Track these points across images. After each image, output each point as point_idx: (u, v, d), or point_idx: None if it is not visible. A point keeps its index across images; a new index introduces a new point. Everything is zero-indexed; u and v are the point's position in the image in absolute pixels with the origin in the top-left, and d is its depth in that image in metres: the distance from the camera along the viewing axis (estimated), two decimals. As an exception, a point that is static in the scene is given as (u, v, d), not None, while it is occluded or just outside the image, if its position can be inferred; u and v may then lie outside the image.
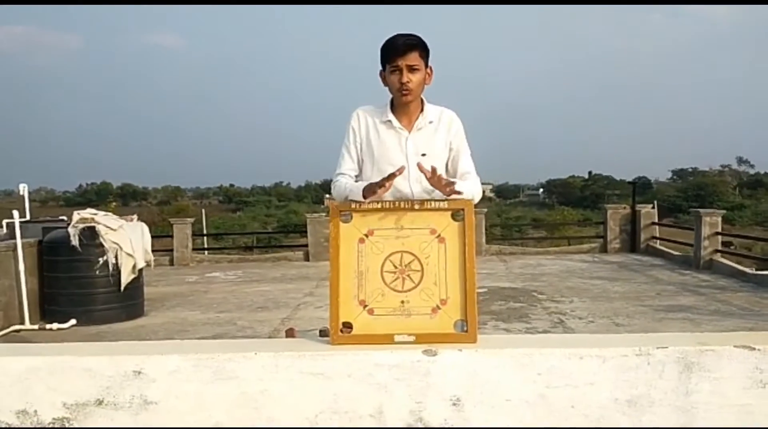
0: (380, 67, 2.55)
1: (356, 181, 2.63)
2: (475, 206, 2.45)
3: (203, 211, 22.17)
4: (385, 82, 2.54)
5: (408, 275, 2.31)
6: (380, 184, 2.36)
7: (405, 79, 2.46)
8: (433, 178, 2.34)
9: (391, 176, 2.36)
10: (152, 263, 8.61)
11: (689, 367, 2.10)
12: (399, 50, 2.45)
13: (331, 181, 2.70)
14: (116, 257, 7.61)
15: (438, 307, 2.29)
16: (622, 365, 2.10)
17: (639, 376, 2.10)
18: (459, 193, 2.35)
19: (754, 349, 2.10)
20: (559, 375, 2.11)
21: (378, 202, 2.39)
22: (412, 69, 2.47)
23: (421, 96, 2.58)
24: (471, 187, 2.51)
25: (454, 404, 2.12)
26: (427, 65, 2.53)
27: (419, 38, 2.49)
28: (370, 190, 2.40)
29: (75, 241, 7.46)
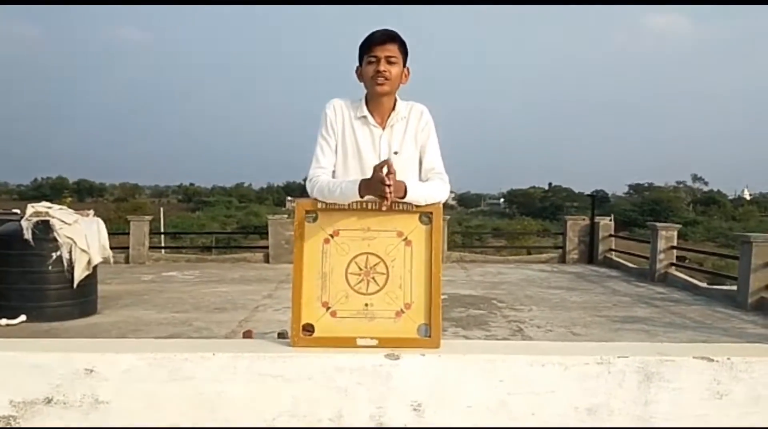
0: (357, 64, 2.50)
1: (333, 178, 2.48)
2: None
3: (161, 209, 21.84)
4: (361, 78, 2.50)
5: (373, 278, 2.28)
6: (382, 180, 2.17)
7: (382, 68, 2.41)
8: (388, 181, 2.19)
9: (387, 168, 2.20)
10: (111, 259, 8.40)
11: (649, 377, 2.11)
12: (378, 40, 2.42)
13: (294, 182, 2.63)
14: (70, 253, 7.40)
15: (402, 311, 2.27)
16: (583, 374, 2.11)
17: (599, 385, 2.11)
18: (401, 198, 2.25)
19: (712, 360, 2.13)
20: (520, 382, 2.10)
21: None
22: (389, 61, 2.42)
23: (395, 94, 2.53)
24: (424, 192, 2.35)
25: (415, 409, 2.10)
26: (405, 63, 2.49)
27: (398, 34, 2.47)
28: (370, 188, 2.23)
29: (28, 235, 7.23)
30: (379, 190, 2.20)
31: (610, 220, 14.79)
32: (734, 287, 9.42)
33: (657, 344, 2.29)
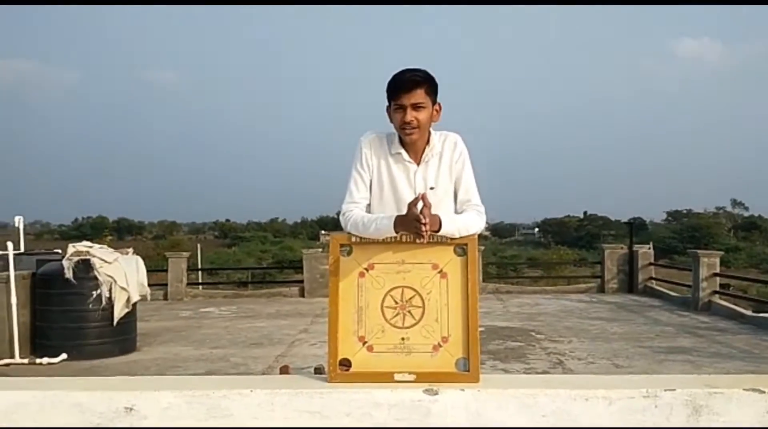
0: (387, 103, 2.49)
1: (368, 211, 2.49)
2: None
3: (198, 245, 22.09)
4: (391, 119, 2.48)
5: (409, 311, 2.26)
6: (417, 218, 2.16)
7: (408, 118, 2.37)
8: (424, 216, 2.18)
9: (423, 206, 2.19)
10: (149, 296, 8.51)
11: (698, 410, 2.04)
12: (403, 87, 2.36)
13: (328, 217, 2.61)
14: (110, 291, 7.52)
15: (439, 345, 2.24)
16: (629, 407, 2.04)
17: (646, 419, 2.04)
18: (435, 232, 2.24)
19: (763, 392, 2.05)
20: (564, 417, 2.05)
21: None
22: (416, 107, 2.37)
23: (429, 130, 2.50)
24: (459, 224, 2.33)
25: (456, 446, 2.05)
26: (435, 102, 2.44)
27: (426, 73, 2.40)
28: (405, 224, 2.22)
29: (69, 274, 7.39)
30: (413, 226, 2.19)
31: (650, 248, 14.49)
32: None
33: (705, 376, 2.22)
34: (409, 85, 2.37)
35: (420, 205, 2.18)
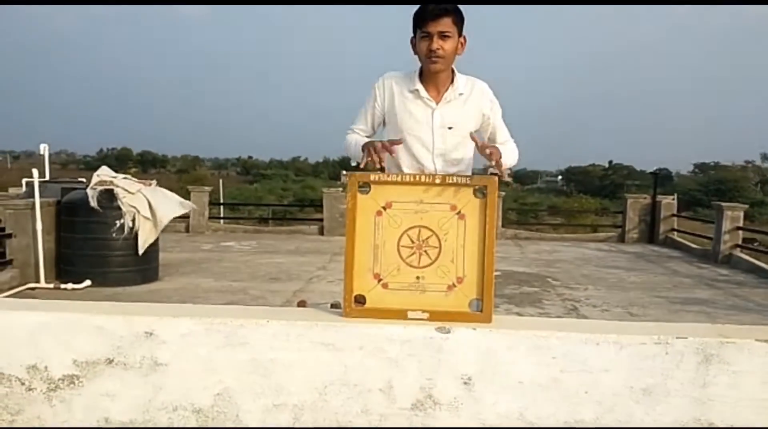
0: (411, 34, 2.46)
1: None
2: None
3: (221, 181, 22.21)
4: (415, 50, 2.45)
5: (425, 251, 2.27)
6: (377, 147, 2.36)
7: (435, 46, 2.35)
8: (483, 151, 2.33)
9: (392, 143, 2.40)
10: (191, 207, 8.67)
11: (708, 358, 2.05)
12: (431, 15, 2.34)
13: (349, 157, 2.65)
14: (133, 220, 7.64)
15: (454, 285, 2.25)
16: (639, 353, 2.06)
17: (656, 365, 2.06)
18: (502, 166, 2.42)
19: (776, 344, 2.05)
20: (574, 360, 2.07)
21: (398, 175, 2.35)
22: (443, 36, 2.35)
23: (452, 66, 2.48)
24: (511, 154, 2.60)
25: (465, 383, 2.09)
26: (460, 34, 2.42)
27: (454, 4, 2.38)
28: (366, 149, 2.39)
29: (93, 203, 7.50)
30: (367, 152, 2.37)
31: (673, 199, 14.32)
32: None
33: (718, 326, 2.22)
34: (437, 13, 2.35)
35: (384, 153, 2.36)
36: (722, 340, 2.05)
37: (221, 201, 18.69)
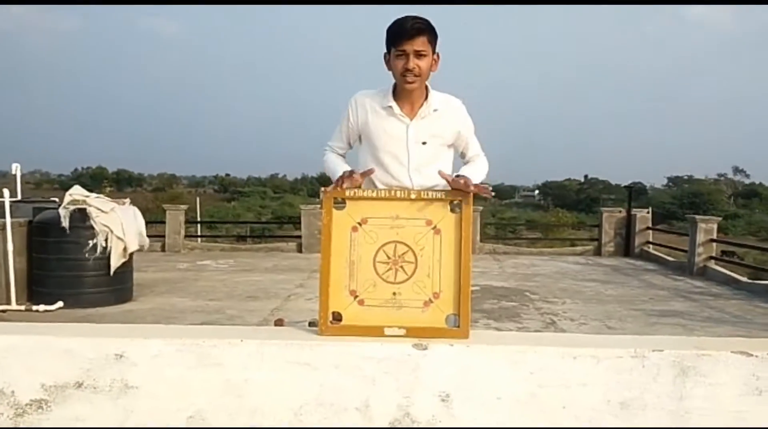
0: (385, 50, 2.45)
1: (345, 159, 2.66)
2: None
3: (198, 199, 22.05)
4: (389, 66, 2.45)
5: (401, 266, 2.26)
6: (347, 177, 2.35)
7: (411, 65, 2.35)
8: (455, 185, 2.31)
9: (364, 174, 2.41)
10: (146, 246, 8.50)
11: (685, 371, 2.05)
12: (406, 34, 2.34)
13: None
14: (106, 240, 7.52)
15: (430, 301, 2.24)
16: (616, 366, 2.05)
17: (633, 379, 2.06)
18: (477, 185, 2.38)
19: (751, 355, 2.06)
20: (551, 374, 2.06)
21: (373, 191, 2.34)
22: (418, 54, 2.36)
23: (426, 83, 2.48)
24: (480, 171, 2.59)
25: (443, 400, 2.07)
26: (434, 51, 2.42)
27: (428, 22, 2.38)
28: (341, 179, 2.37)
29: (65, 223, 7.37)
30: (345, 178, 2.35)
31: (648, 213, 14.48)
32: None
33: (694, 338, 2.23)
34: (412, 32, 2.35)
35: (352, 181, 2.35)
36: (698, 353, 2.06)
37: (198, 219, 18.54)
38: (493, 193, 2.52)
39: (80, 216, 7.48)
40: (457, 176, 2.37)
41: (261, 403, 2.07)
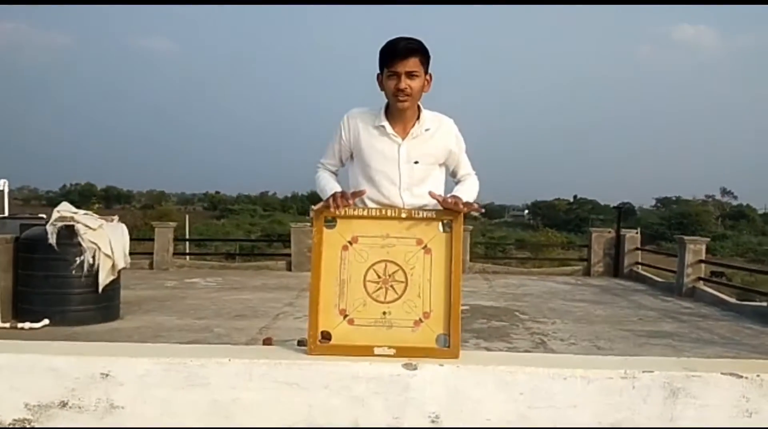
0: (378, 71, 2.47)
1: (336, 177, 2.65)
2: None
3: (187, 216, 22.00)
4: (382, 86, 2.46)
5: (391, 286, 2.25)
6: (340, 198, 2.33)
7: (403, 86, 2.36)
8: (445, 205, 2.32)
9: (355, 195, 2.39)
10: (128, 265, 8.41)
11: (675, 392, 2.05)
12: (398, 55, 2.35)
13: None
14: (94, 258, 7.46)
15: (420, 320, 2.23)
16: (606, 388, 2.05)
17: (623, 400, 2.05)
18: (467, 203, 2.38)
19: (741, 377, 2.06)
20: (541, 395, 2.05)
21: (364, 209, 2.33)
22: (411, 75, 2.37)
23: (419, 102, 2.50)
24: (471, 190, 2.58)
25: (433, 421, 2.05)
26: (426, 72, 2.44)
27: (420, 43, 2.40)
28: (334, 201, 2.34)
29: (52, 240, 7.31)
30: (334, 200, 2.33)
31: (637, 233, 14.55)
32: (764, 303, 9.19)
33: (684, 359, 2.22)
34: (404, 53, 2.37)
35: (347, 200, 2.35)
36: (688, 374, 2.05)
37: (187, 236, 18.45)
38: (482, 210, 2.52)
39: (68, 233, 7.43)
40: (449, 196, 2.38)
41: (249, 424, 2.05)
